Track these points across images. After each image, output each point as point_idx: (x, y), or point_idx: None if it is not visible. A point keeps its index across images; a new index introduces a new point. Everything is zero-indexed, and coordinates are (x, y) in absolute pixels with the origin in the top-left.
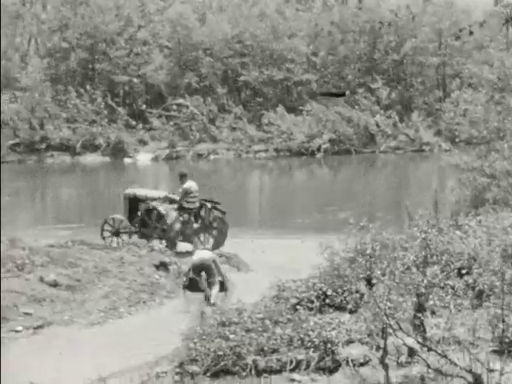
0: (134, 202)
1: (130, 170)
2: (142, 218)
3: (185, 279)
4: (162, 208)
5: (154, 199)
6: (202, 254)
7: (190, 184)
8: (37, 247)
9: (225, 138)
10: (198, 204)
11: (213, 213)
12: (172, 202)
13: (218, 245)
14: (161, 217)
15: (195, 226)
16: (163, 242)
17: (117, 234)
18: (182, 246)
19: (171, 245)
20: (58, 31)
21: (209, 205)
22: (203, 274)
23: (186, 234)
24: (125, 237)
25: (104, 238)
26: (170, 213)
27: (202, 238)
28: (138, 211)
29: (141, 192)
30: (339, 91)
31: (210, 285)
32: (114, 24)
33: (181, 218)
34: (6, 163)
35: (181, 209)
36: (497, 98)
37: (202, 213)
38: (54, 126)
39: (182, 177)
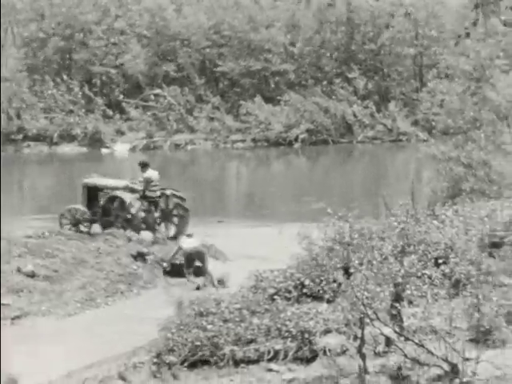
0: (93, 192)
1: (108, 161)
2: (103, 207)
3: (166, 265)
4: (126, 197)
5: (113, 188)
6: (193, 242)
7: (151, 173)
8: (14, 238)
9: (202, 128)
10: (158, 193)
11: (173, 201)
12: (132, 191)
13: (179, 232)
14: (124, 205)
15: (156, 214)
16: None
17: (76, 224)
18: (144, 235)
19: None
20: (34, 21)
21: (169, 192)
22: (195, 262)
23: (148, 223)
24: (85, 226)
25: (62, 226)
26: (133, 202)
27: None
28: (97, 200)
29: (100, 181)
30: None
31: (202, 271)
32: (91, 14)
33: (142, 207)
34: None
35: (142, 197)
36: (473, 88)
37: (163, 201)
38: (31, 117)
39: (144, 166)
